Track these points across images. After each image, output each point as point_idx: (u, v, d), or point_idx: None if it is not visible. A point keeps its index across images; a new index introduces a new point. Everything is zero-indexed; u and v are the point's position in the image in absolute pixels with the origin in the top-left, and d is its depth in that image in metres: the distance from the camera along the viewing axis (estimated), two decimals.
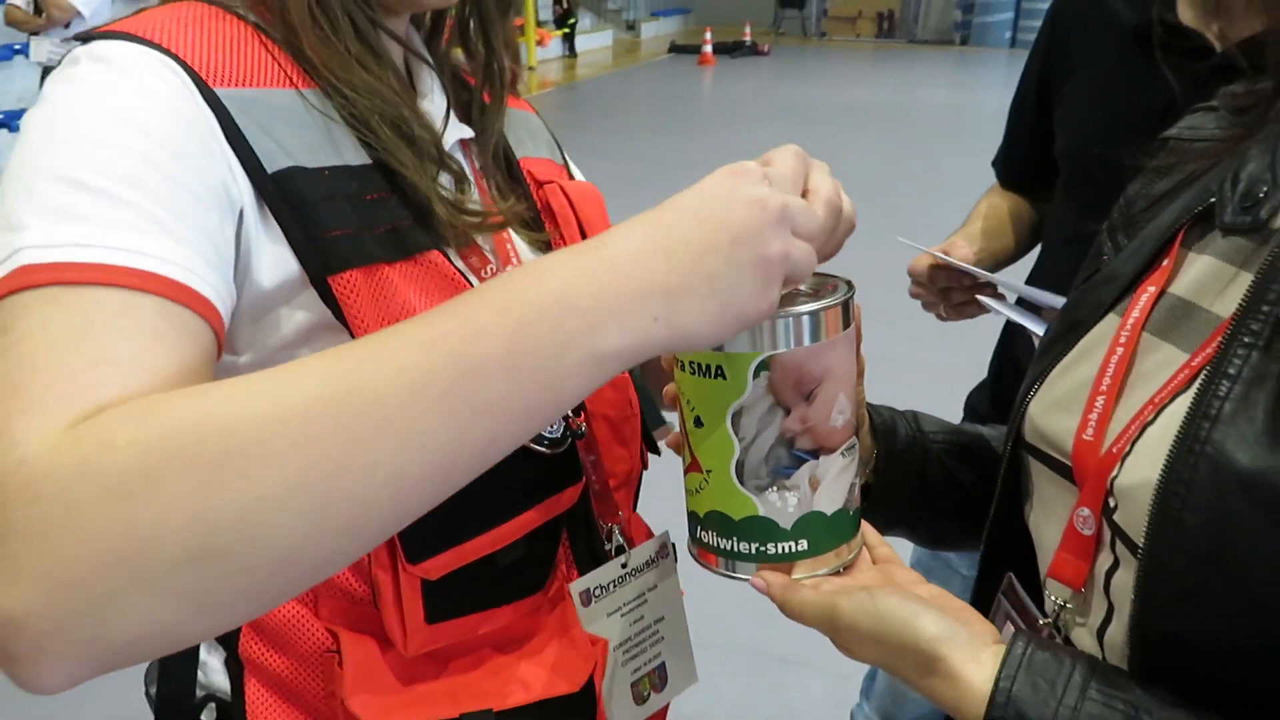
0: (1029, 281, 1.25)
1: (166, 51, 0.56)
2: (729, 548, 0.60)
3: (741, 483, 0.58)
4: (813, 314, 0.55)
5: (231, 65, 0.59)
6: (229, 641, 0.65)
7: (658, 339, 0.45)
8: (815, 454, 0.57)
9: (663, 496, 0.85)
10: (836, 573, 0.60)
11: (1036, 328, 1.04)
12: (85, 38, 0.58)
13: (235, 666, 0.66)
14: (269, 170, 0.57)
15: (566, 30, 16.13)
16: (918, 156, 7.55)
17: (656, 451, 0.75)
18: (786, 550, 0.59)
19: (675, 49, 16.20)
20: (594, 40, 17.14)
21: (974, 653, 0.53)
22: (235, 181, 0.56)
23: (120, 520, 0.38)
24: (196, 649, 0.67)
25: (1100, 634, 0.57)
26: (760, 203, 0.47)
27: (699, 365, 0.57)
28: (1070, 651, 0.53)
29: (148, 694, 0.72)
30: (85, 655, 0.40)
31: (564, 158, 0.85)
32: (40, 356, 0.44)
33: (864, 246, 1.06)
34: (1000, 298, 1.20)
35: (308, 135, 0.60)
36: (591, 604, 0.71)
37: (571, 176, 0.84)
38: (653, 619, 0.76)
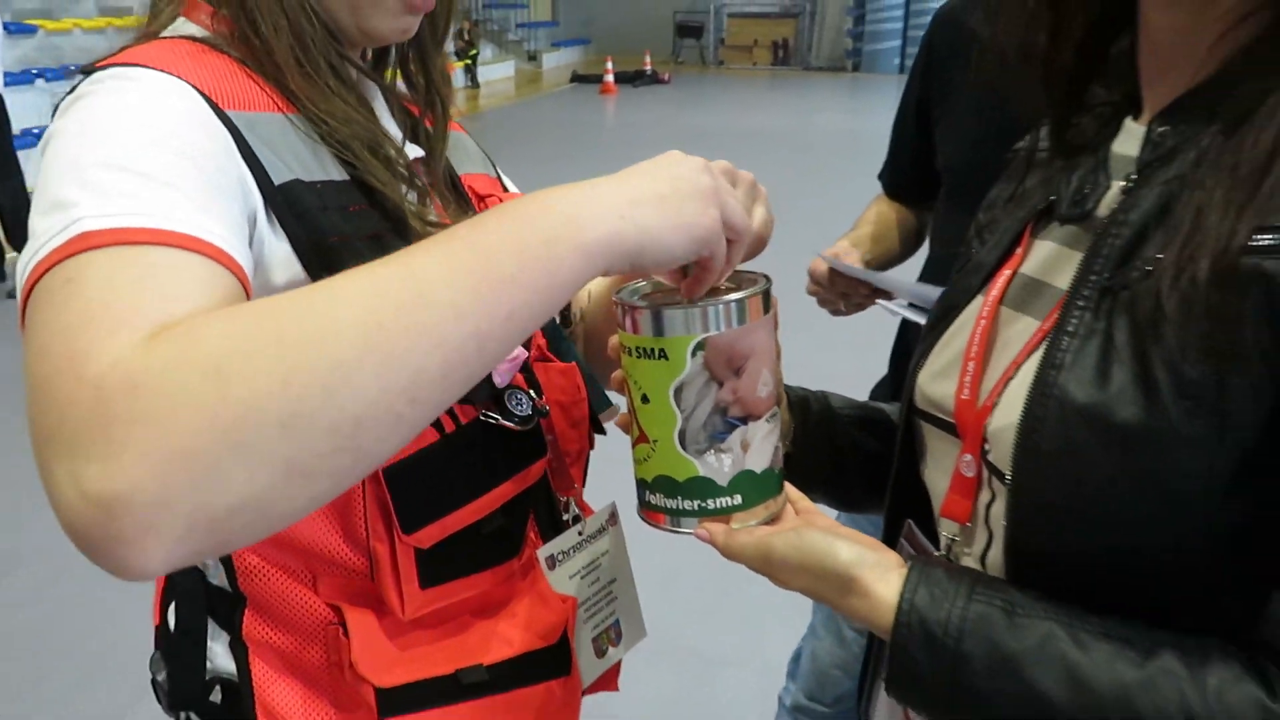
0: (920, 281, 1.40)
1: (177, 77, 0.63)
2: (675, 506, 0.70)
3: (684, 448, 0.68)
4: (739, 301, 0.66)
5: (230, 91, 0.66)
6: (233, 625, 0.72)
7: (629, 235, 0.56)
8: (745, 420, 0.68)
9: (607, 473, 0.95)
10: (766, 523, 0.71)
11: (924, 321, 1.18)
12: (88, 70, 0.64)
13: (240, 648, 0.72)
14: (276, 182, 0.65)
15: (468, 62, 16.19)
16: (818, 177, 7.85)
17: (603, 432, 0.85)
18: (724, 505, 0.69)
19: (577, 79, 16.41)
20: (496, 71, 17.24)
21: (883, 574, 0.64)
22: (249, 190, 0.63)
23: (216, 395, 0.43)
24: (204, 634, 0.73)
25: (983, 559, 0.69)
26: (700, 162, 0.61)
27: (644, 349, 0.67)
28: (960, 569, 0.64)
29: (154, 682, 0.78)
30: (187, 529, 0.43)
31: (497, 171, 0.95)
32: (110, 295, 0.49)
33: (772, 261, 1.18)
34: (892, 297, 1.34)
35: (300, 153, 0.68)
36: (556, 568, 0.80)
37: (506, 189, 0.94)
38: (606, 580, 0.86)
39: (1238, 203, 0.54)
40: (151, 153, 0.57)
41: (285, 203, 0.65)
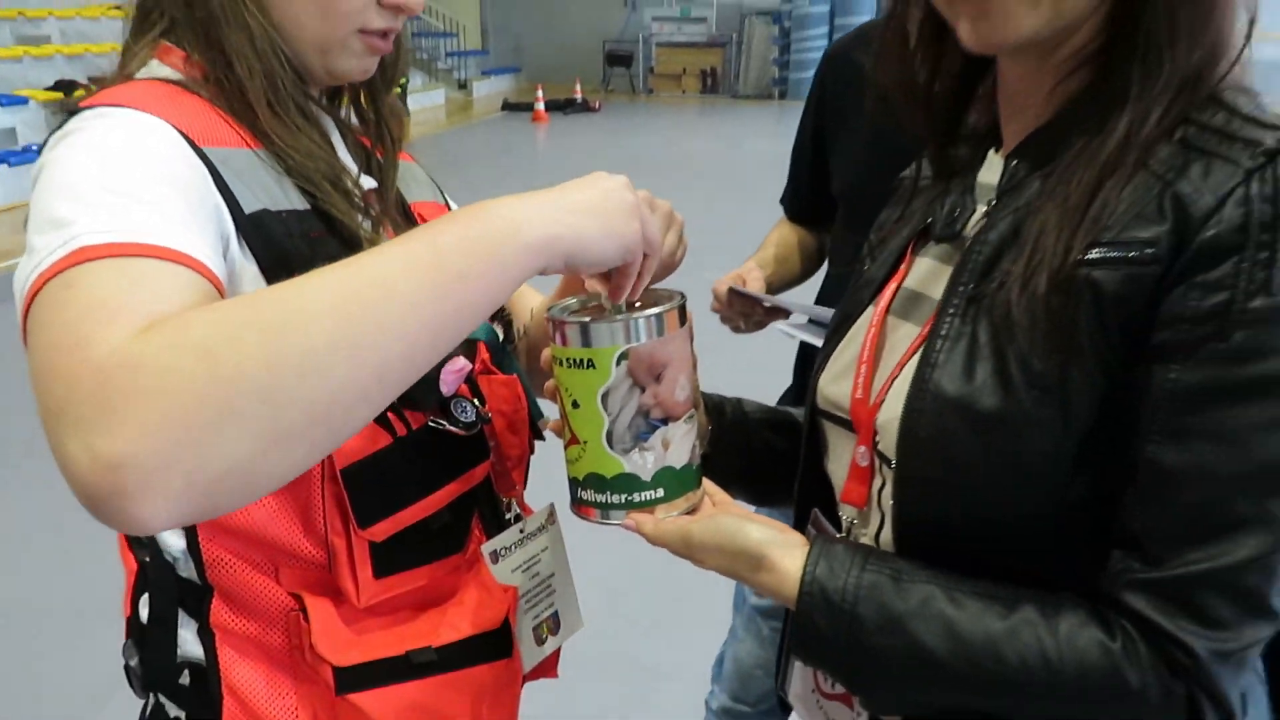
0: (819, 301, 1.52)
1: (158, 116, 0.70)
2: (604, 500, 0.77)
3: (611, 448, 0.76)
4: (658, 315, 0.74)
5: (204, 129, 0.73)
6: (200, 614, 0.78)
7: (565, 238, 0.65)
8: (665, 421, 0.76)
9: (547, 477, 1.02)
10: (687, 514, 0.79)
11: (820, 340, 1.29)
12: (72, 110, 0.71)
13: (207, 635, 0.78)
14: (246, 211, 0.72)
15: (398, 90, 16.13)
16: (746, 199, 8.02)
17: (541, 438, 0.93)
18: (648, 498, 0.77)
19: (508, 107, 16.47)
20: (426, 99, 17.21)
21: (789, 551, 0.73)
22: (223, 218, 0.70)
23: (207, 373, 0.50)
24: (174, 623, 0.79)
25: (876, 538, 0.78)
26: (625, 181, 0.70)
27: (574, 360, 0.75)
28: (856, 545, 0.73)
29: (127, 667, 0.83)
30: (185, 487, 0.49)
31: (444, 197, 1.02)
32: (107, 295, 0.55)
33: (702, 279, 1.28)
34: (788, 315, 1.45)
35: (268, 185, 0.75)
36: (499, 562, 0.88)
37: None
38: (545, 575, 0.93)
39: (1069, 227, 0.65)
40: (139, 180, 0.64)
41: (254, 229, 0.72)
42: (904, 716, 0.74)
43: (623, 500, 0.77)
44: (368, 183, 0.88)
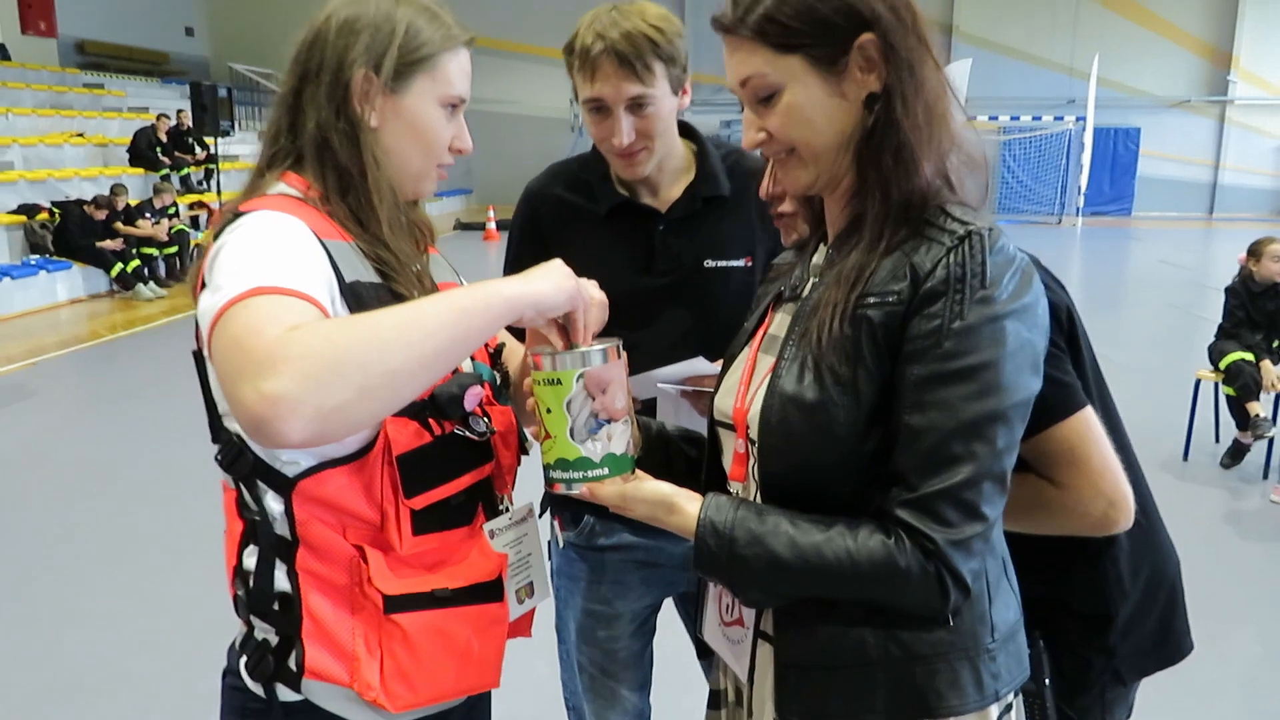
0: None
1: (294, 216, 1.09)
2: (567, 477, 1.13)
3: (572, 439, 1.12)
4: (603, 350, 1.12)
5: (320, 227, 1.10)
6: (289, 559, 1.11)
7: (528, 294, 1.04)
8: (608, 421, 1.13)
9: (527, 487, 1.38)
10: None
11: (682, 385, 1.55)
12: (236, 213, 1.09)
13: (293, 575, 1.11)
14: (345, 280, 1.09)
15: None
16: None
17: (526, 453, 1.30)
18: (597, 474, 1.13)
19: (461, 226, 17.05)
20: None
21: (690, 500, 1.09)
22: (332, 283, 1.07)
23: (329, 350, 0.88)
24: (272, 565, 1.12)
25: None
26: (562, 266, 1.11)
27: (548, 379, 1.12)
28: (733, 496, 1.10)
29: (236, 597, 1.16)
30: (314, 416, 0.86)
31: (460, 279, 1.41)
32: (269, 312, 0.92)
33: None
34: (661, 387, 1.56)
35: (357, 265, 1.12)
36: (494, 538, 1.23)
37: None
38: (525, 553, 1.28)
39: (845, 288, 1.05)
40: (285, 253, 1.03)
41: (350, 292, 1.10)
42: (772, 609, 1.11)
43: (580, 476, 1.13)
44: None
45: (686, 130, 1.75)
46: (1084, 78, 17.53)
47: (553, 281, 1.08)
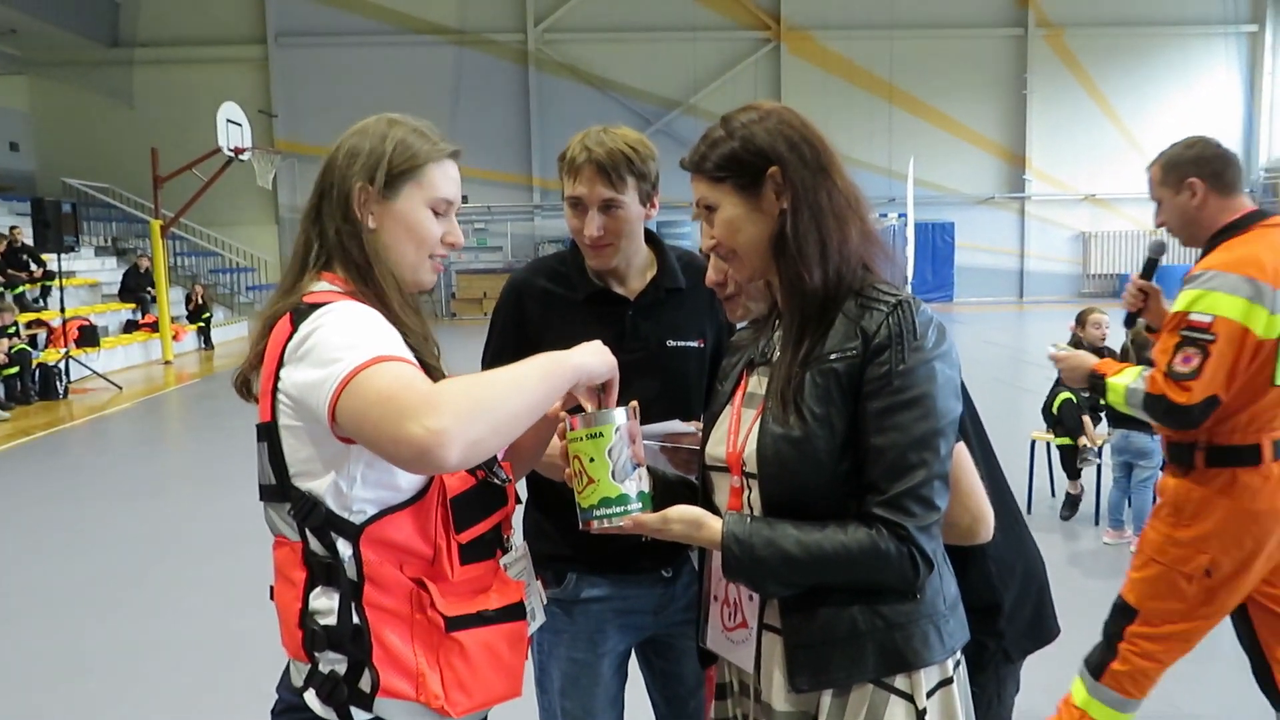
0: None
1: (363, 303, 1.35)
2: (610, 513, 1.40)
3: (614, 479, 1.40)
4: (629, 408, 1.41)
5: None
6: (357, 595, 1.33)
7: (583, 364, 1.36)
8: (638, 466, 1.41)
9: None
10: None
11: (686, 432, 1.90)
12: (315, 304, 1.33)
13: (361, 609, 1.33)
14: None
15: (201, 324, 16.29)
16: None
17: (520, 502, 1.56)
18: (636, 508, 1.41)
19: None
20: (230, 332, 17.35)
21: (713, 520, 1.39)
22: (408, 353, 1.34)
23: (469, 400, 1.19)
24: (347, 601, 1.32)
25: None
26: (602, 346, 1.41)
27: (591, 434, 1.39)
28: (746, 514, 1.40)
29: (312, 632, 1.34)
30: (465, 445, 1.16)
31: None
32: (399, 374, 1.22)
33: None
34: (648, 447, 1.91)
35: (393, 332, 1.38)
36: (508, 570, 1.49)
37: None
38: (529, 583, 1.54)
39: (803, 350, 1.40)
40: (381, 329, 1.30)
41: None
42: (777, 604, 1.40)
43: (622, 510, 1.40)
44: None
45: (650, 237, 2.09)
46: (902, 178, 19.22)
47: (600, 357, 1.40)
